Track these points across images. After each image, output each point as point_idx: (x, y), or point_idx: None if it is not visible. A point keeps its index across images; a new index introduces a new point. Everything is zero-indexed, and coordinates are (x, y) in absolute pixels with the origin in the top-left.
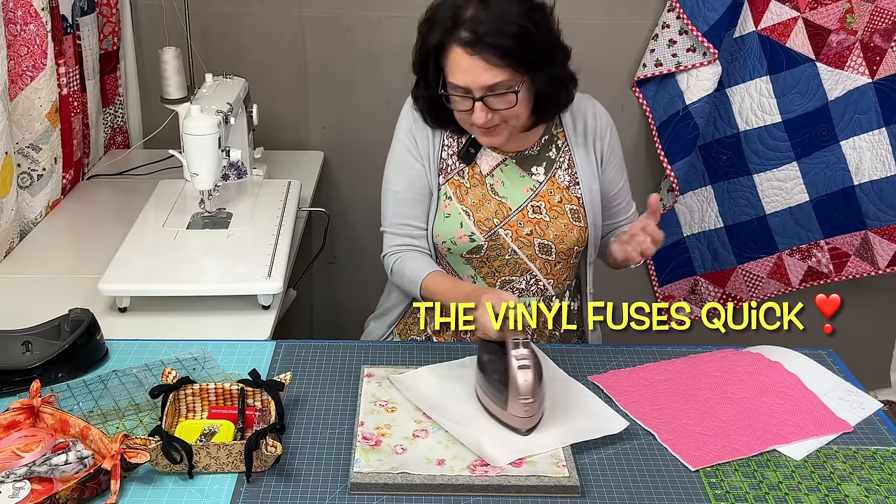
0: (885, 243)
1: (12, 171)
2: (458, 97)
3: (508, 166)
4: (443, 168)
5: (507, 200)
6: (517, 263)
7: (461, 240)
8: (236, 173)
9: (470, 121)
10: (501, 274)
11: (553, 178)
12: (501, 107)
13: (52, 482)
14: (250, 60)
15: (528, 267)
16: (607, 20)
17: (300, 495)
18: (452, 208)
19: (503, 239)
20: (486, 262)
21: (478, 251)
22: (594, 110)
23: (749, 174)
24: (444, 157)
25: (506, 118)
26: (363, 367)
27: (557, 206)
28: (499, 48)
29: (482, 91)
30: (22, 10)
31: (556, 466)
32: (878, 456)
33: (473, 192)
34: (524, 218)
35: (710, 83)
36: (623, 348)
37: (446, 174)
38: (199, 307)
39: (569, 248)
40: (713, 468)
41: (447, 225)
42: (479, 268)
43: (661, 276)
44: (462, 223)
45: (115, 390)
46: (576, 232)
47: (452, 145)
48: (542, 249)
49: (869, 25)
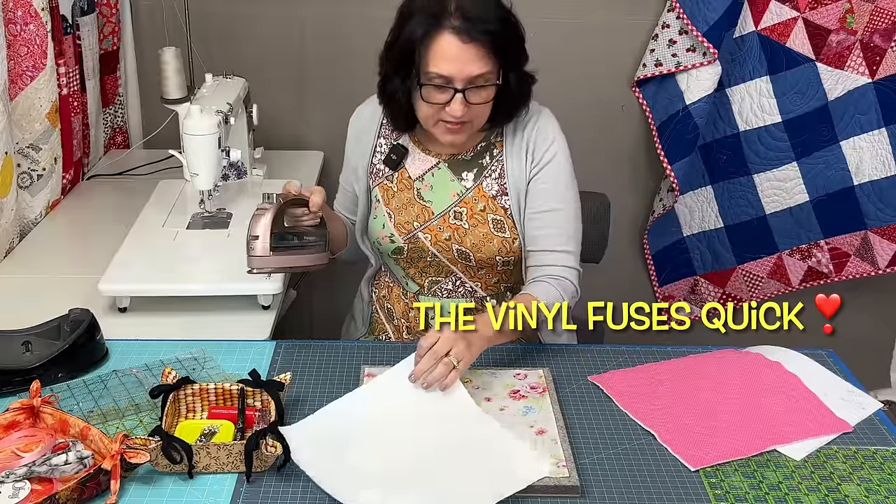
0: (885, 243)
1: (12, 171)
2: (434, 88)
3: (441, 170)
4: (374, 172)
5: (431, 205)
6: (440, 265)
7: (384, 240)
8: (236, 173)
9: (438, 116)
10: (427, 274)
11: (480, 185)
12: (478, 101)
13: (52, 482)
14: (250, 60)
15: (451, 269)
16: (607, 20)
17: (300, 495)
18: (380, 210)
19: (422, 242)
20: (412, 262)
21: (400, 252)
22: (537, 120)
23: (749, 174)
24: (374, 162)
25: (474, 116)
26: (363, 367)
27: (479, 214)
28: (490, 34)
29: (464, 82)
30: (22, 10)
31: (556, 466)
32: (878, 456)
33: (399, 196)
34: (444, 223)
35: (710, 83)
36: (623, 348)
37: (376, 178)
38: (200, 307)
39: (489, 258)
40: (713, 468)
41: (374, 226)
42: (406, 268)
43: (661, 276)
44: (384, 224)
45: (115, 390)
46: (496, 242)
47: (384, 151)
48: (459, 255)
49: (869, 25)
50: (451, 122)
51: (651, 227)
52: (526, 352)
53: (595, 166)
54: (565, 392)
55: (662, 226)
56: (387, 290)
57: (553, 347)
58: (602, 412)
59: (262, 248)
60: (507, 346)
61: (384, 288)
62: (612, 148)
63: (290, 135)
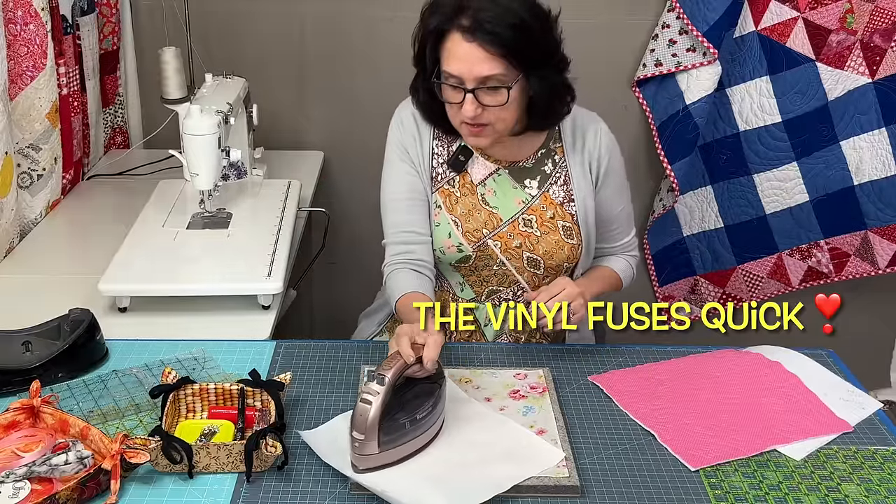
0: (885, 243)
1: (12, 171)
2: (450, 88)
3: (501, 176)
4: (433, 177)
5: (499, 211)
6: (505, 274)
7: (449, 249)
8: (236, 173)
9: (459, 117)
10: (489, 283)
11: (547, 192)
12: (492, 103)
13: (52, 482)
14: (250, 60)
15: (515, 279)
16: (607, 20)
17: (300, 495)
18: (442, 217)
19: (492, 250)
20: (474, 271)
21: (466, 261)
22: (596, 130)
23: (749, 174)
24: (434, 165)
25: (494, 119)
26: (363, 367)
27: (549, 221)
28: (496, 36)
29: (475, 82)
30: (22, 10)
31: (556, 466)
32: (878, 456)
33: (463, 202)
34: (514, 230)
35: (710, 83)
36: (623, 348)
37: (436, 183)
38: (199, 307)
39: (558, 265)
40: (713, 468)
41: (437, 234)
42: (467, 276)
43: (661, 276)
44: (451, 233)
45: (115, 390)
46: (567, 249)
47: (443, 154)
48: (530, 263)
49: (869, 25)
50: (470, 124)
51: (651, 227)
52: (526, 352)
53: None
54: (565, 392)
55: (662, 226)
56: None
57: (553, 347)
58: (602, 412)
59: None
60: (508, 346)
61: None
62: None
63: (290, 135)
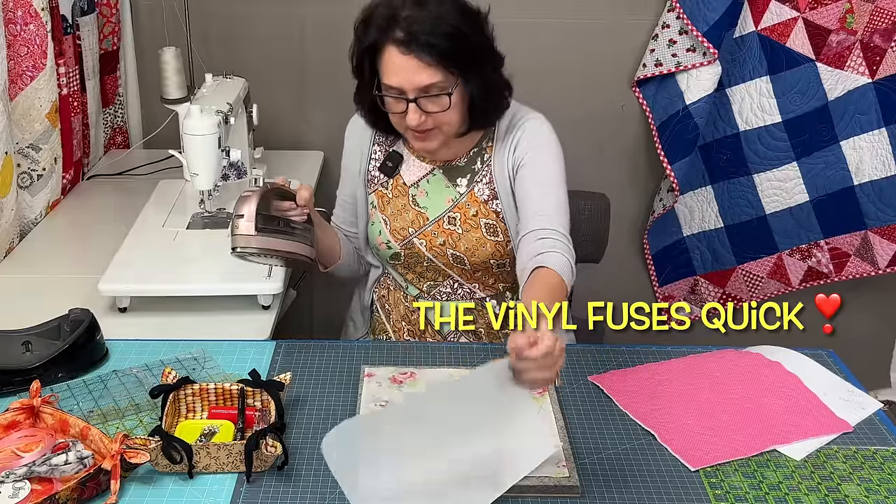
0: (885, 243)
1: (12, 171)
2: (392, 99)
3: (436, 177)
4: (370, 179)
5: (426, 211)
6: (437, 270)
7: (381, 246)
8: (236, 173)
9: (404, 124)
10: (426, 279)
11: (473, 190)
12: (434, 109)
13: (52, 482)
14: (250, 60)
15: (447, 273)
16: (607, 20)
17: (300, 495)
18: (376, 217)
19: (418, 247)
20: (409, 267)
21: (398, 258)
22: (523, 126)
23: (749, 174)
24: (370, 168)
25: (439, 123)
26: (363, 367)
27: (472, 219)
28: (433, 47)
29: (416, 92)
30: (22, 10)
31: (556, 466)
32: (878, 456)
33: (394, 203)
34: (439, 229)
35: (710, 83)
36: (623, 348)
37: (373, 185)
38: (199, 307)
39: (482, 261)
40: (713, 468)
41: (371, 232)
42: (404, 273)
43: (661, 276)
44: (381, 231)
45: (115, 390)
46: (489, 246)
47: (380, 158)
48: (454, 259)
49: (869, 25)
50: (416, 130)
51: (651, 227)
52: None
53: (595, 166)
54: (565, 392)
55: (662, 226)
56: (386, 291)
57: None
58: (602, 412)
59: (247, 227)
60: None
61: (384, 289)
62: (612, 148)
63: (290, 135)
